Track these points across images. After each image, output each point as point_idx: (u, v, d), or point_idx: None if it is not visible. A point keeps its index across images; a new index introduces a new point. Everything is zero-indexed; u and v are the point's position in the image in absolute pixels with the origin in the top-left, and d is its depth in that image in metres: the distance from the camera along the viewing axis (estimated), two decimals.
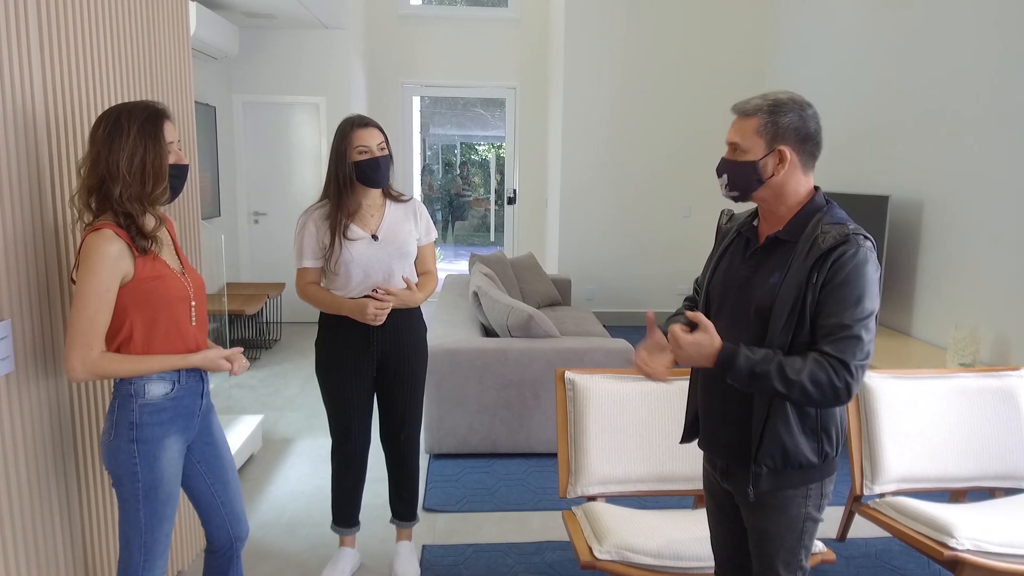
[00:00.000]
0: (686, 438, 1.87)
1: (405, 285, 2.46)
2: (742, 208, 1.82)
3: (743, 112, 1.58)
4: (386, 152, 2.43)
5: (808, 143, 1.56)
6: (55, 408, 1.84)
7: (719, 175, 1.64)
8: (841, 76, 5.17)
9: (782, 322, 1.52)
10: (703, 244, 6.83)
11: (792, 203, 1.59)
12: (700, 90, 6.59)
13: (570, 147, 6.64)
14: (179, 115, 2.59)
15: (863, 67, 4.92)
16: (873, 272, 1.50)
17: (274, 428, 4.18)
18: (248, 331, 6.05)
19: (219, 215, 6.11)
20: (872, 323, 1.50)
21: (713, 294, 1.72)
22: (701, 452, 1.87)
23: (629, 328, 6.71)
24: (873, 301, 1.50)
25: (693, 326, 1.56)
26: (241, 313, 5.21)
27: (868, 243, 1.51)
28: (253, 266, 6.70)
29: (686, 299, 1.95)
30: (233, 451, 3.43)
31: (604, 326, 6.35)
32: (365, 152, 2.39)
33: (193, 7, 4.70)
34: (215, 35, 5.30)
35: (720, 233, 1.82)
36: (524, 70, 7.50)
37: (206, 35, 5.10)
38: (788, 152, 1.54)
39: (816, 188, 1.61)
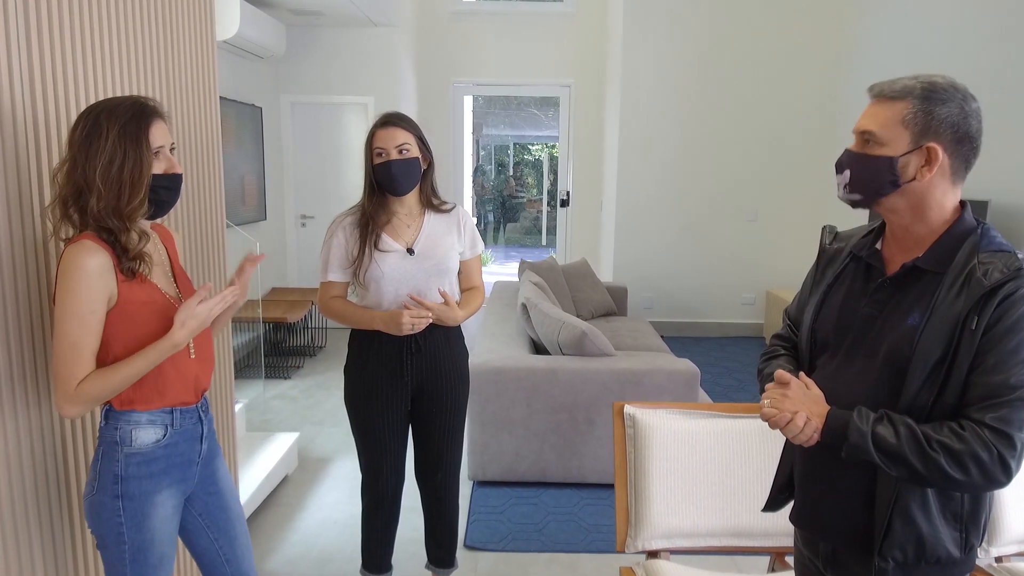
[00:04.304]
0: (772, 506, 1.52)
1: (442, 300, 2.17)
2: (845, 218, 1.47)
3: (886, 95, 1.22)
4: (409, 155, 2.13)
5: (965, 145, 1.19)
6: (39, 454, 1.61)
7: (839, 171, 1.28)
8: (929, 67, 4.68)
9: (923, 377, 1.17)
10: (770, 250, 6.38)
11: (934, 221, 1.23)
12: (767, 86, 6.14)
13: (628, 147, 6.27)
14: (202, 116, 2.37)
15: (954, 57, 4.43)
16: None
17: (312, 445, 3.96)
18: (293, 338, 5.88)
19: (265, 219, 5.97)
20: None
21: (823, 336, 1.36)
22: (776, 511, 1.53)
23: (689, 340, 6.31)
24: None
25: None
26: (283, 321, 5.04)
27: None
28: (300, 270, 6.55)
29: (776, 336, 1.60)
30: (267, 472, 3.22)
31: (663, 337, 5.98)
32: (381, 154, 2.13)
33: (236, 3, 4.52)
34: (261, 33, 5.14)
35: (824, 255, 1.46)
36: (579, 67, 7.16)
37: (251, 33, 4.93)
38: (940, 152, 1.18)
39: (962, 203, 1.25)
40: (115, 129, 1.39)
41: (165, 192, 1.48)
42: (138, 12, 1.98)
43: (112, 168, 1.39)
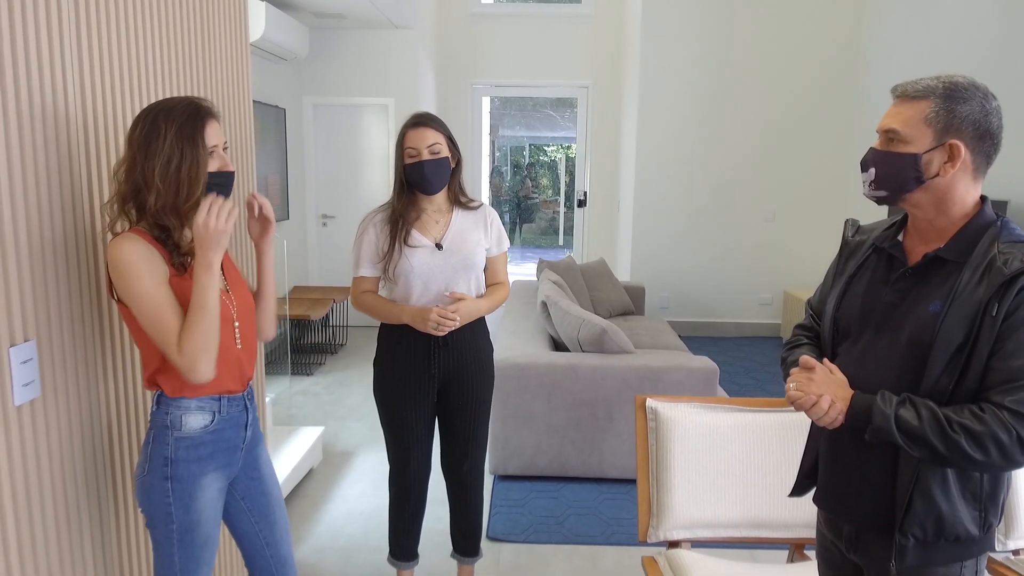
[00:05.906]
0: (798, 491, 1.58)
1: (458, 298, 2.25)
2: (863, 217, 1.52)
3: (909, 94, 1.28)
4: (440, 155, 2.21)
5: (986, 142, 1.25)
6: (88, 437, 1.69)
7: (864, 169, 1.34)
8: (948, 67, 4.69)
9: (944, 363, 1.22)
10: (787, 250, 6.40)
11: (956, 214, 1.29)
12: (785, 86, 6.16)
13: (645, 147, 6.32)
14: (236, 117, 2.45)
15: (974, 56, 4.44)
16: None
17: (335, 440, 4.04)
18: (314, 335, 5.98)
19: (287, 218, 6.07)
20: None
21: (845, 324, 1.42)
22: (803, 496, 1.59)
23: (706, 339, 6.34)
24: None
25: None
26: (305, 319, 5.12)
27: None
28: (321, 269, 6.65)
29: (798, 326, 1.65)
30: (292, 465, 3.30)
31: (680, 337, 6.01)
32: (413, 155, 2.20)
33: (262, 7, 4.62)
34: (285, 36, 5.23)
35: (847, 247, 1.52)
36: (597, 68, 7.21)
37: (276, 36, 5.03)
38: (962, 148, 1.24)
39: (983, 198, 1.30)
40: (172, 129, 1.46)
41: (219, 189, 1.55)
42: (178, 17, 2.06)
43: (170, 167, 1.46)
